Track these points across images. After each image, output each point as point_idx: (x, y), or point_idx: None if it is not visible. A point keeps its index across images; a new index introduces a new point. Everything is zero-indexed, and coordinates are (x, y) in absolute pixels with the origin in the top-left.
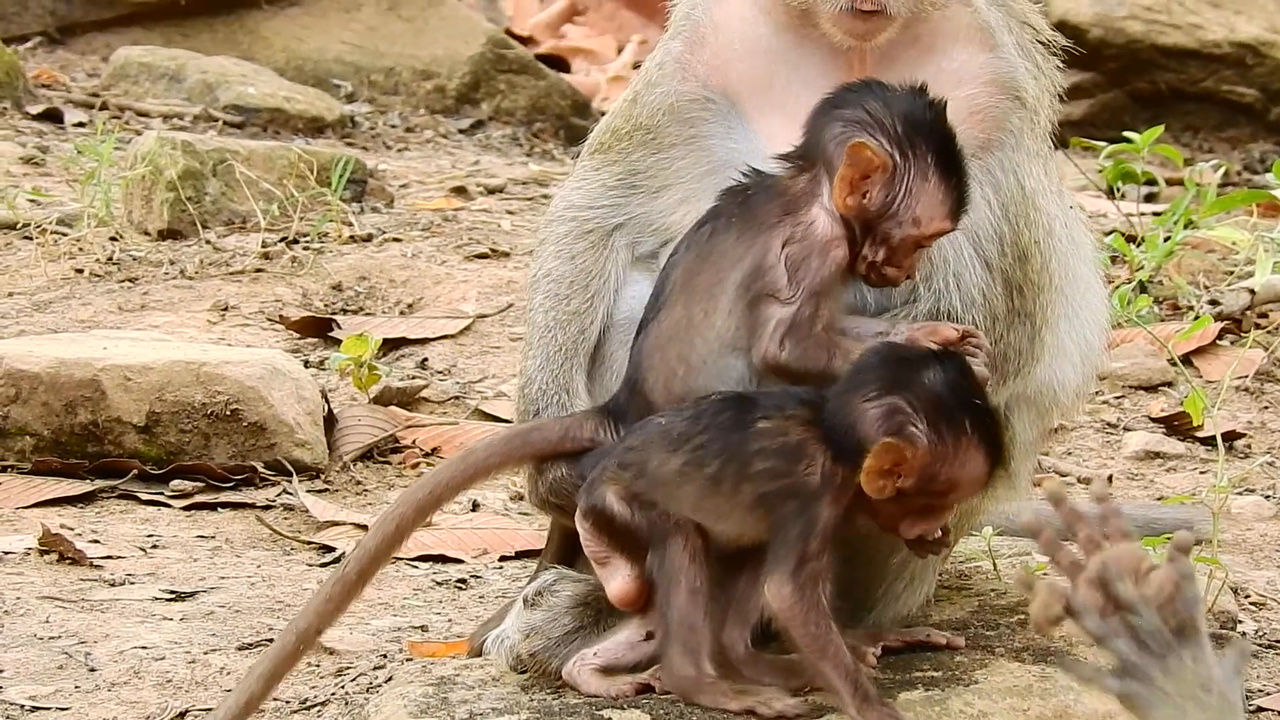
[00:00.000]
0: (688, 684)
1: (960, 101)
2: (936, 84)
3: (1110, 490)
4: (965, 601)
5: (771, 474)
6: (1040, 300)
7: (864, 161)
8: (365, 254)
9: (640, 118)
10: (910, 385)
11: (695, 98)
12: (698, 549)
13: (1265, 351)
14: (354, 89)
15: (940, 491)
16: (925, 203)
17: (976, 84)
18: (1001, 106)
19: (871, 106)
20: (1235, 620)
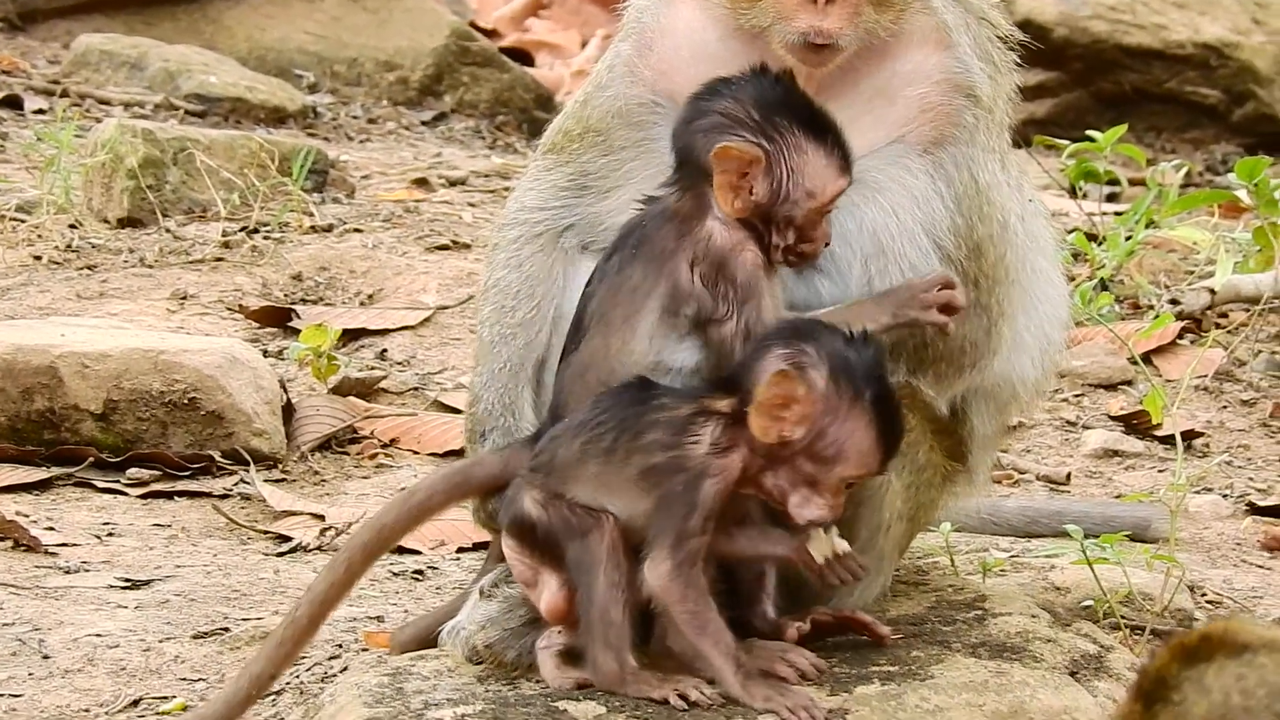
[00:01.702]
0: (611, 677)
1: (911, 100)
2: (890, 85)
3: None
4: (922, 597)
5: (659, 445)
6: (996, 293)
7: (734, 161)
8: (326, 244)
9: (591, 120)
10: (818, 340)
11: (644, 101)
12: (615, 542)
13: (1225, 351)
14: (316, 79)
15: (827, 458)
16: (811, 173)
17: (929, 83)
18: (954, 104)
19: (724, 106)
20: (1192, 619)
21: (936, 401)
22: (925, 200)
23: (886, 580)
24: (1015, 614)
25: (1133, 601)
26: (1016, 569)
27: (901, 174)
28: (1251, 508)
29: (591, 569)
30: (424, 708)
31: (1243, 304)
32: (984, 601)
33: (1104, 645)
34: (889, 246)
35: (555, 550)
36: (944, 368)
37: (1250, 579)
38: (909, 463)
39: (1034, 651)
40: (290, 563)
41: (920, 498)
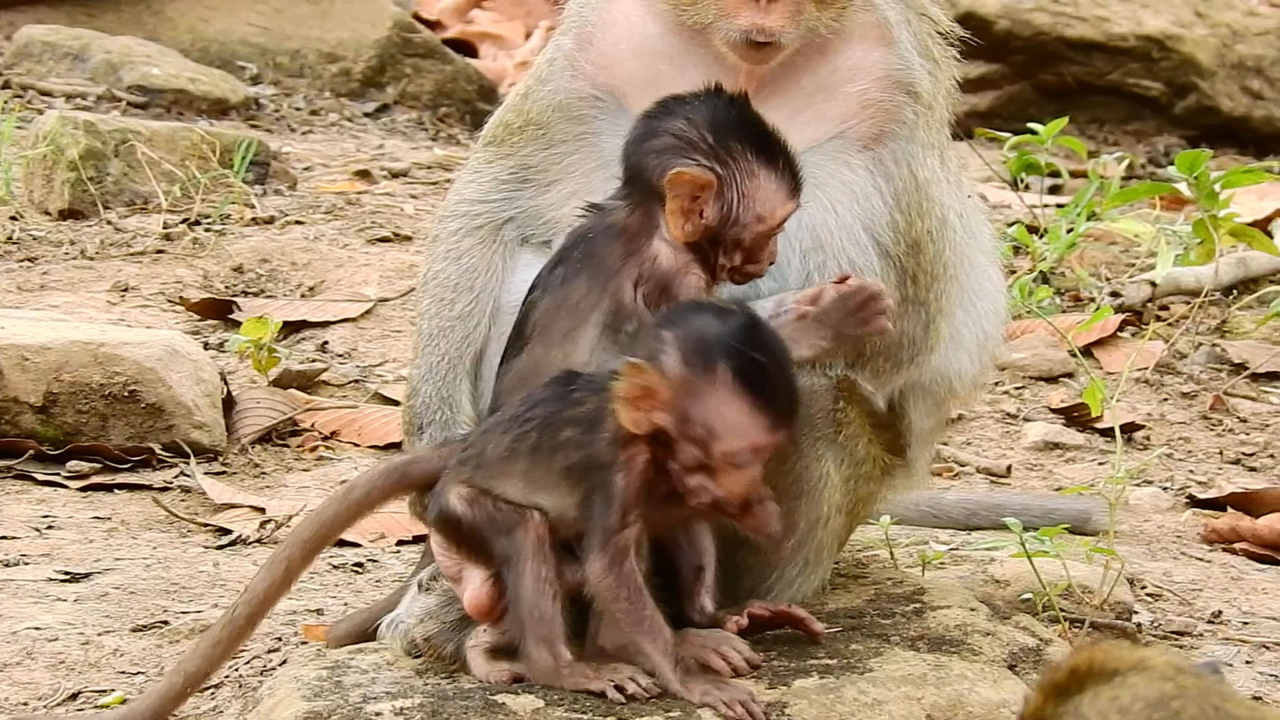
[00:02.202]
0: (547, 671)
1: (852, 96)
2: (830, 81)
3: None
4: (861, 590)
5: (575, 444)
6: (935, 289)
7: (688, 187)
8: (267, 236)
9: (531, 113)
10: (679, 323)
11: (584, 95)
12: (540, 537)
13: (1165, 344)
14: (259, 71)
15: (701, 438)
16: (762, 197)
17: (869, 79)
18: (895, 100)
19: (677, 128)
20: (1131, 611)
21: (874, 397)
22: (865, 196)
23: (825, 573)
24: (954, 607)
25: (1072, 594)
26: (956, 562)
27: (842, 170)
28: (1191, 500)
29: (518, 564)
30: (363, 701)
31: (1183, 297)
32: (923, 594)
33: (1043, 638)
34: (828, 242)
35: (480, 545)
36: (882, 363)
37: (1190, 571)
38: (848, 456)
39: (973, 645)
40: (230, 556)
41: (859, 491)
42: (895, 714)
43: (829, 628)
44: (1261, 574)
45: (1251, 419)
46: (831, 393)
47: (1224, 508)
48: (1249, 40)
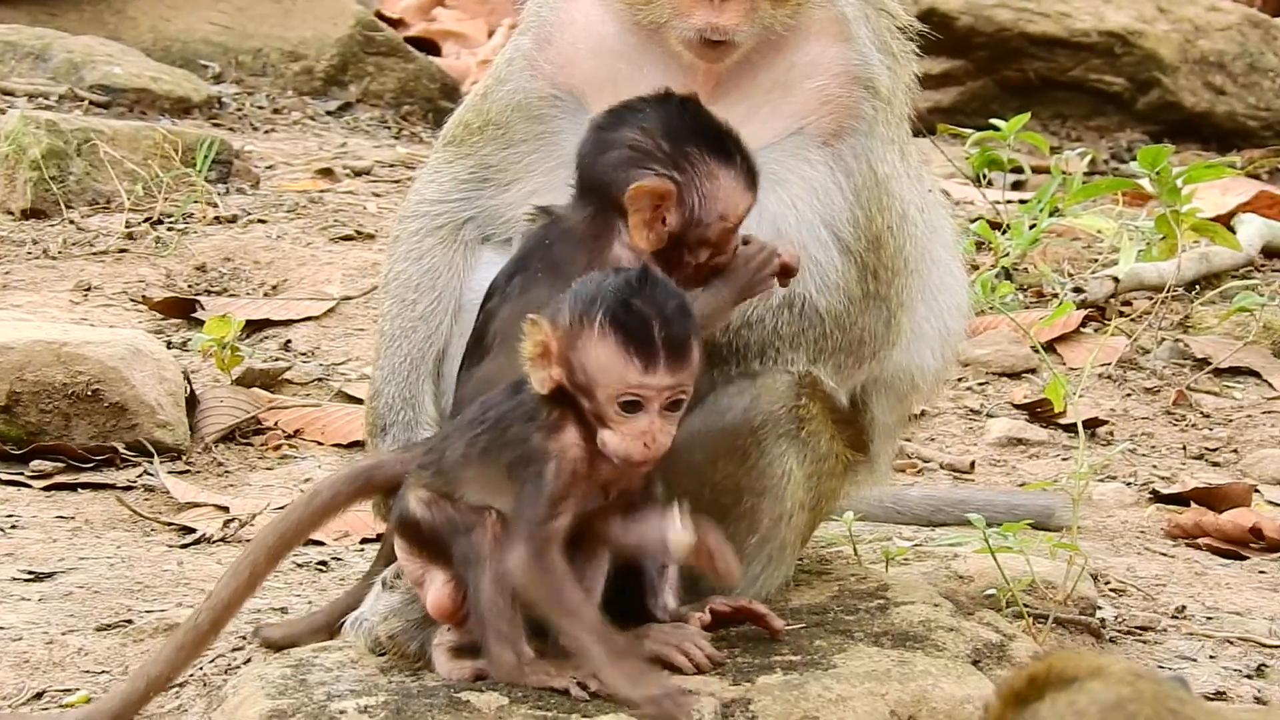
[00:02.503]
0: (509, 669)
1: (810, 93)
2: (788, 77)
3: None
4: (825, 586)
5: (516, 439)
6: (896, 284)
7: (648, 199)
8: (230, 235)
9: (490, 113)
10: (579, 284)
11: (543, 95)
12: (497, 537)
13: (1128, 339)
14: (221, 70)
15: (586, 386)
16: (723, 196)
17: (828, 75)
18: (853, 96)
19: (632, 139)
20: (1095, 606)
21: (837, 393)
22: (824, 192)
23: (789, 570)
24: (918, 603)
25: (1036, 590)
26: (920, 558)
27: (801, 166)
28: (1155, 495)
29: (477, 564)
30: (327, 699)
31: (1146, 292)
32: (887, 590)
33: (1007, 634)
34: (787, 237)
35: (441, 548)
36: (844, 359)
37: (1154, 567)
38: (810, 452)
39: (937, 640)
40: (194, 554)
41: (822, 487)
42: (859, 710)
43: (792, 624)
44: (1225, 569)
45: (1214, 414)
46: (793, 389)
47: (1187, 503)
48: (1211, 35)
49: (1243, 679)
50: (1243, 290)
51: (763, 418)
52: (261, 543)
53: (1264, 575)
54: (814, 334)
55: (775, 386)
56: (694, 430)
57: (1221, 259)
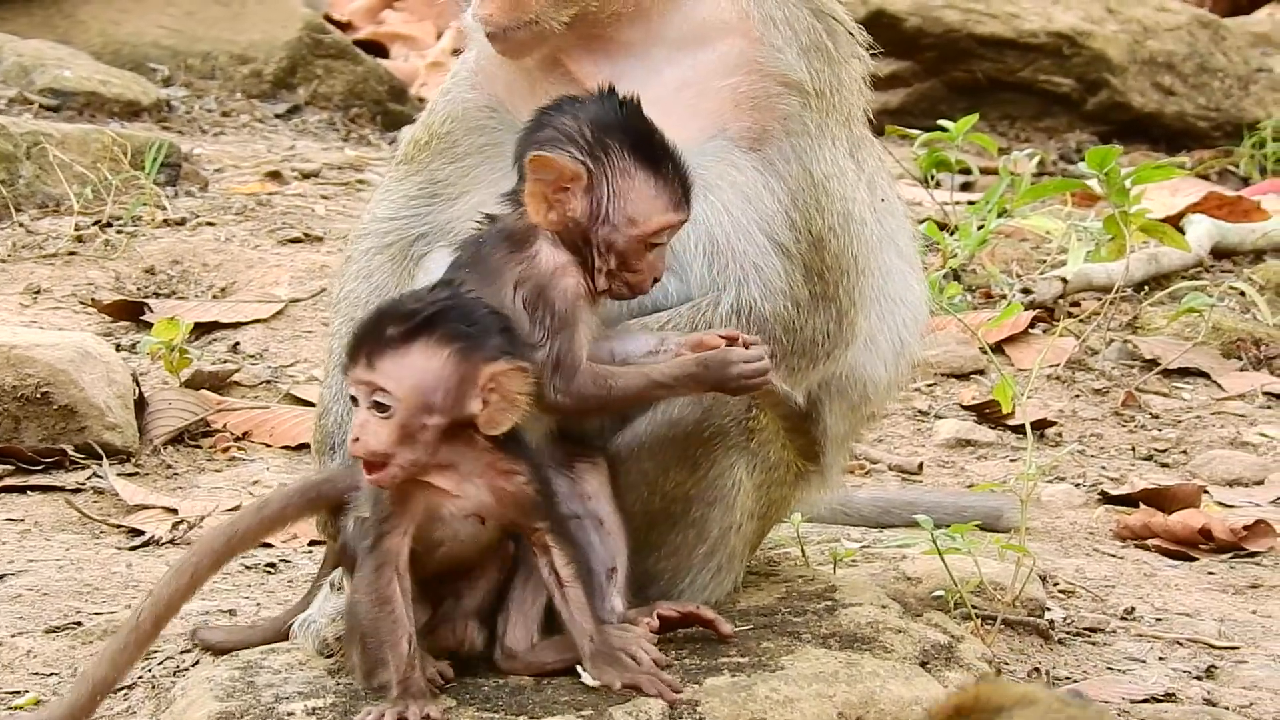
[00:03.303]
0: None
1: (725, 90)
2: (695, 76)
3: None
4: (773, 588)
5: None
6: (844, 284)
7: (551, 173)
8: (178, 238)
9: (435, 126)
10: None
11: (481, 106)
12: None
13: (1076, 340)
14: (170, 73)
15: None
16: (635, 200)
17: (739, 73)
18: (772, 94)
19: (561, 123)
20: (1044, 608)
21: (792, 395)
22: (756, 197)
23: (738, 576)
24: (866, 604)
25: (984, 591)
26: (868, 559)
27: (730, 171)
28: (1104, 497)
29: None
30: (275, 701)
31: (1094, 293)
32: (835, 592)
33: (955, 635)
34: (725, 246)
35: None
36: (797, 360)
37: (1102, 568)
38: (760, 463)
39: (884, 642)
40: (143, 557)
41: (772, 495)
42: (807, 712)
43: (740, 626)
44: (1174, 570)
45: (1163, 415)
46: (744, 400)
47: (1136, 504)
48: (1160, 36)
49: (1192, 680)
50: (1192, 291)
51: (713, 430)
52: (206, 546)
53: (1213, 576)
54: (764, 340)
55: (726, 399)
56: (644, 439)
57: (1170, 260)
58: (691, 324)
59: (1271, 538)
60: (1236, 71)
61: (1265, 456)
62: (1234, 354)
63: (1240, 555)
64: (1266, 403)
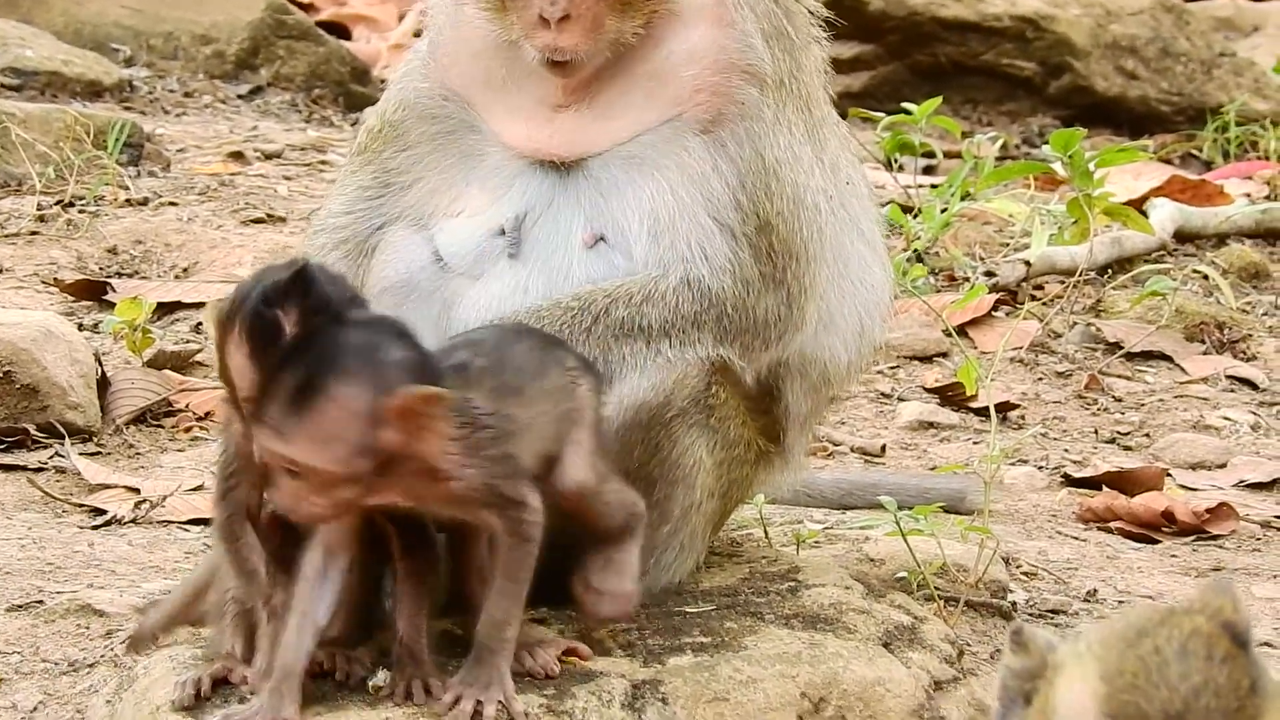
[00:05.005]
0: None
1: (686, 80)
2: (663, 66)
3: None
4: (736, 569)
5: None
6: (793, 269)
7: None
8: (141, 218)
9: (388, 115)
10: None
11: (433, 95)
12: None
13: (1040, 323)
14: (132, 53)
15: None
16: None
17: (705, 61)
18: (732, 81)
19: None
20: (1006, 590)
21: (744, 373)
22: (703, 179)
23: (699, 556)
24: (829, 585)
25: (947, 573)
26: (831, 541)
27: (679, 153)
28: (1067, 479)
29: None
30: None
31: (1058, 276)
32: (798, 573)
33: (917, 616)
34: (670, 226)
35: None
36: (750, 339)
37: (1065, 551)
38: (720, 439)
39: (847, 623)
40: (105, 536)
41: (733, 474)
42: (770, 692)
43: (703, 606)
44: (1136, 552)
45: (1126, 398)
46: (704, 376)
47: (1099, 487)
48: (1123, 20)
49: None
50: (1155, 274)
51: (674, 411)
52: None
53: (1175, 559)
54: (715, 313)
55: (686, 380)
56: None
57: (1134, 243)
58: (641, 292)
59: (1234, 521)
60: (1200, 55)
61: (1228, 440)
62: (1197, 337)
63: (1203, 538)
64: (1229, 386)
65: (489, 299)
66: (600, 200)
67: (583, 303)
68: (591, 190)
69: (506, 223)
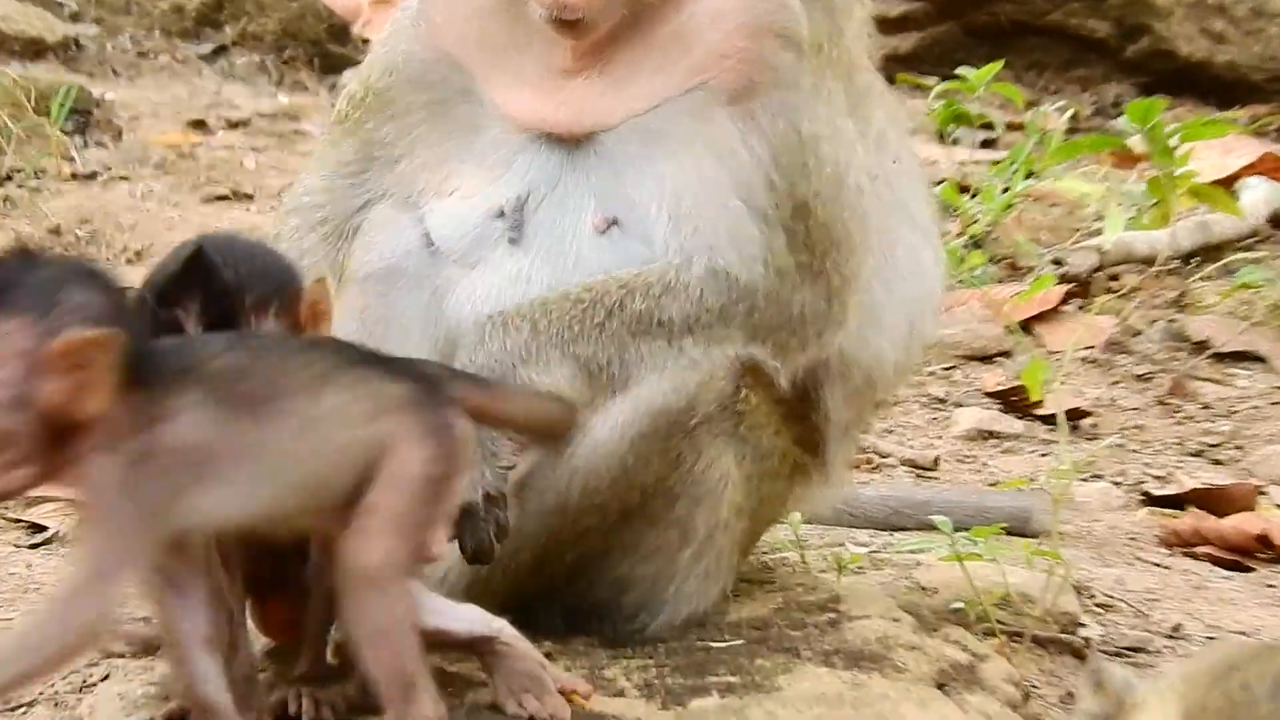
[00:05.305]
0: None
1: (713, 44)
2: (687, 28)
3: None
4: (768, 598)
5: None
6: (833, 258)
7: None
8: (89, 194)
9: (373, 81)
10: None
11: (426, 58)
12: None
13: (1115, 318)
14: (79, 7)
15: None
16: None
17: (733, 24)
18: (762, 44)
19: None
20: (1078, 623)
21: (778, 375)
22: (731, 155)
23: (726, 584)
24: (874, 617)
25: (1010, 604)
26: (876, 566)
27: (703, 126)
28: (1147, 498)
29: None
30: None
31: (1136, 265)
32: (839, 603)
33: (976, 654)
34: (693, 208)
35: None
36: (784, 336)
37: (1146, 579)
38: (750, 450)
39: (896, 660)
40: (45, 555)
41: (764, 490)
42: None
43: (731, 640)
44: (1227, 582)
45: (1215, 405)
46: (732, 379)
47: (1184, 506)
48: None
49: None
50: (1247, 264)
51: (699, 418)
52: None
53: (1271, 589)
54: (744, 307)
55: (712, 382)
56: (623, 429)
57: (1222, 228)
58: (661, 283)
59: None
60: None
61: None
62: None
63: None
64: None
65: (485, 290)
66: (613, 179)
67: (594, 295)
68: (604, 168)
69: (506, 204)
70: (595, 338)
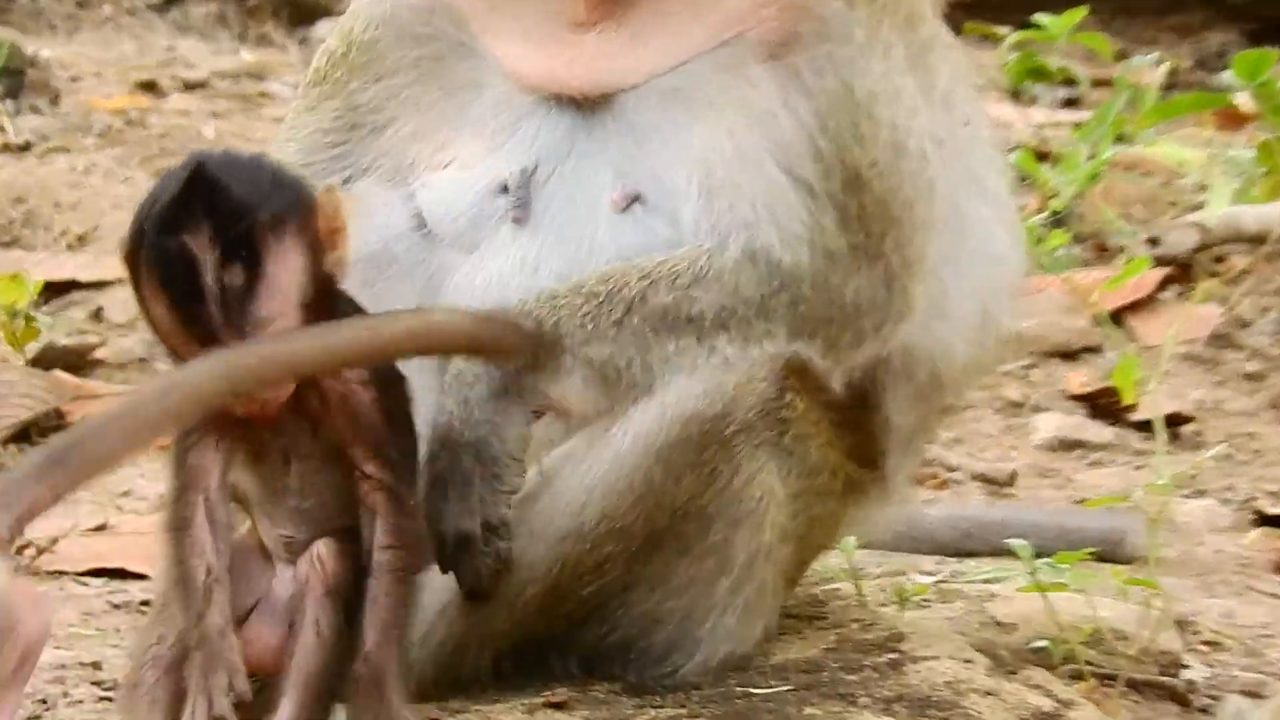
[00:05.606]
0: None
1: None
2: None
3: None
4: (820, 636)
5: None
6: (892, 237)
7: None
8: (22, 168)
9: (356, 34)
10: None
11: (418, 7)
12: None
13: (1221, 307)
14: None
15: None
16: None
17: None
18: None
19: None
20: (1181, 664)
21: (831, 376)
22: (770, 117)
23: (770, 620)
24: (943, 658)
25: (1101, 641)
26: (944, 598)
27: (739, 86)
28: (1259, 517)
29: None
30: None
31: (1244, 245)
32: (901, 642)
33: (1062, 700)
34: (728, 181)
35: None
36: (836, 331)
37: (1258, 612)
38: (796, 463)
39: (968, 708)
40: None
41: (814, 510)
42: None
43: (777, 686)
44: None
45: None
46: (774, 381)
47: None
48: None
49: None
50: None
51: (736, 426)
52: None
53: None
54: (788, 297)
55: (752, 385)
56: (648, 440)
57: None
58: (691, 270)
59: None
60: None
61: None
62: None
63: None
64: None
65: (487, 278)
66: (634, 148)
67: (612, 285)
68: (623, 135)
69: (510, 177)
70: (613, 337)
